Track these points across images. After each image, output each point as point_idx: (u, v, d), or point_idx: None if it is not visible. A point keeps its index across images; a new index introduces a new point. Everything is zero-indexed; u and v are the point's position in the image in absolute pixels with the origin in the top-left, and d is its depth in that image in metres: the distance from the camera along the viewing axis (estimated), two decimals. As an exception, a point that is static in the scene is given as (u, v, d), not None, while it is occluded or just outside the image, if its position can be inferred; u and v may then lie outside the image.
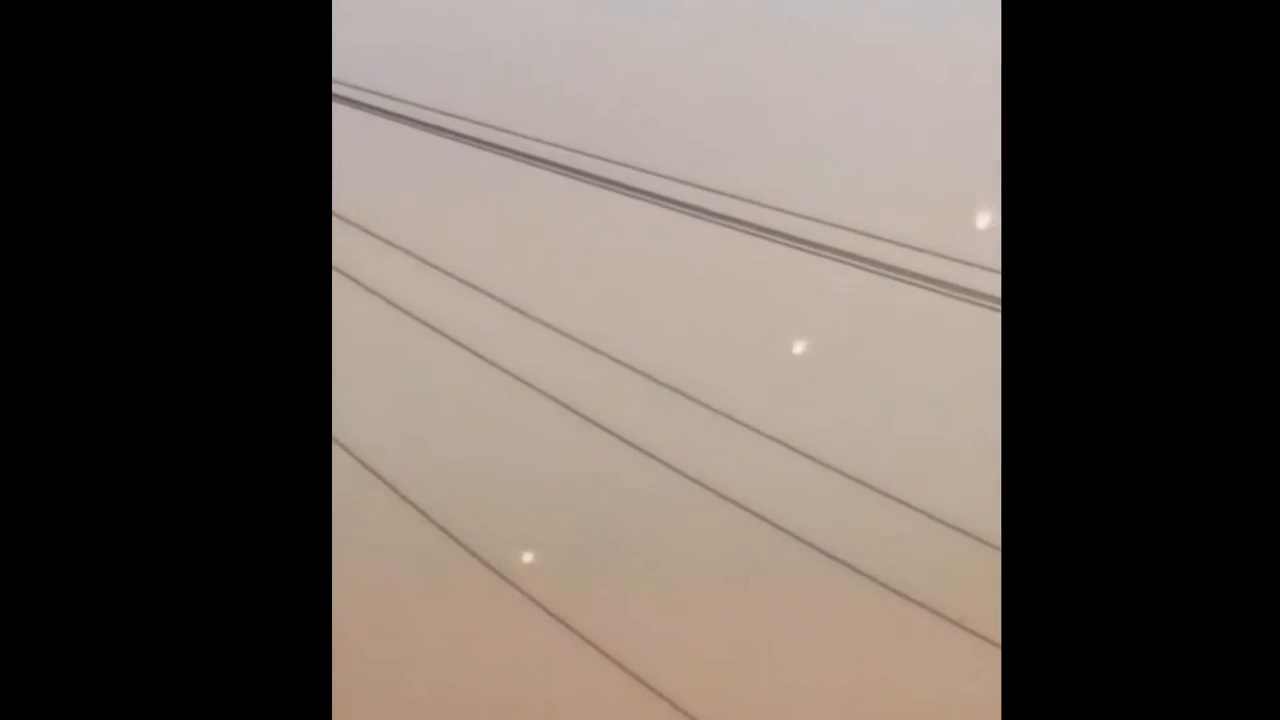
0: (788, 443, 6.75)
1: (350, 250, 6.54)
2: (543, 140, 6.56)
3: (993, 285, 5.90)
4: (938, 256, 6.30)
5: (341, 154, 4.34)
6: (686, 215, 6.50)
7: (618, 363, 6.75)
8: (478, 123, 6.57)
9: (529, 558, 7.07)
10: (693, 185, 6.49)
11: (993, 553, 6.06)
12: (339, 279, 6.49)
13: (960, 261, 6.23)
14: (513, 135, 6.56)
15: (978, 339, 6.06)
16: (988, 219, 6.63)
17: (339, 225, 6.44)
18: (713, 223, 6.47)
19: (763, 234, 6.42)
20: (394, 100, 6.59)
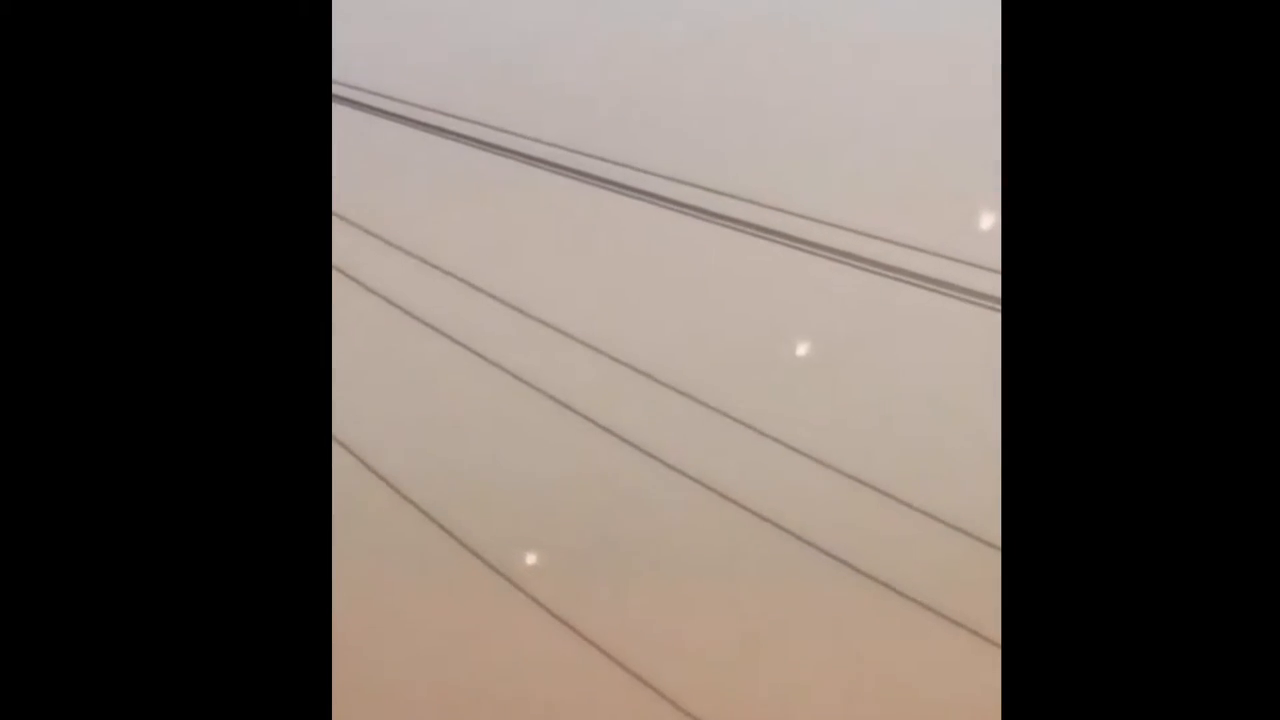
0: (788, 443, 6.75)
1: (350, 250, 6.54)
2: (543, 140, 6.56)
3: (993, 285, 5.90)
4: (937, 256, 6.30)
5: (341, 154, 4.34)
6: (687, 215, 6.50)
7: (618, 363, 6.75)
8: (478, 123, 6.57)
9: (530, 559, 7.07)
10: (693, 185, 6.49)
11: (993, 553, 6.07)
12: (339, 279, 6.49)
13: (960, 261, 6.23)
14: (513, 135, 6.57)
15: (978, 339, 6.06)
16: (988, 219, 6.63)
17: (339, 225, 6.45)
18: (713, 223, 6.47)
19: (763, 234, 6.43)
20: (394, 101, 6.59)
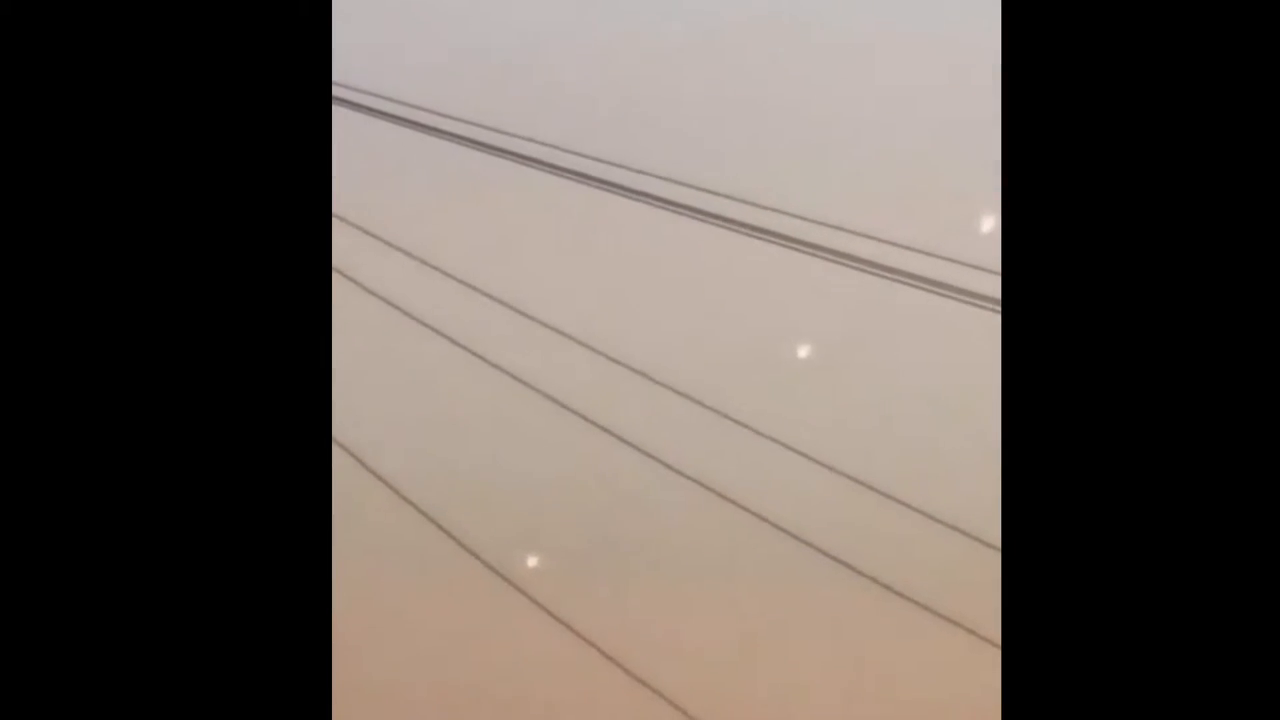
0: (787, 443, 6.75)
1: (350, 251, 6.54)
2: (542, 141, 6.56)
3: (993, 287, 5.90)
4: (937, 258, 6.30)
5: (341, 155, 4.34)
6: (686, 216, 6.50)
7: (617, 363, 6.75)
8: (477, 124, 6.57)
9: (530, 559, 7.07)
10: (692, 187, 6.49)
11: (993, 553, 6.07)
12: (339, 280, 6.49)
13: (960, 263, 6.23)
14: (512, 136, 6.57)
15: (978, 340, 6.06)
16: (988, 220, 6.63)
17: (339, 226, 6.45)
18: (712, 224, 6.47)
19: (762, 235, 6.43)
20: (393, 101, 6.59)
